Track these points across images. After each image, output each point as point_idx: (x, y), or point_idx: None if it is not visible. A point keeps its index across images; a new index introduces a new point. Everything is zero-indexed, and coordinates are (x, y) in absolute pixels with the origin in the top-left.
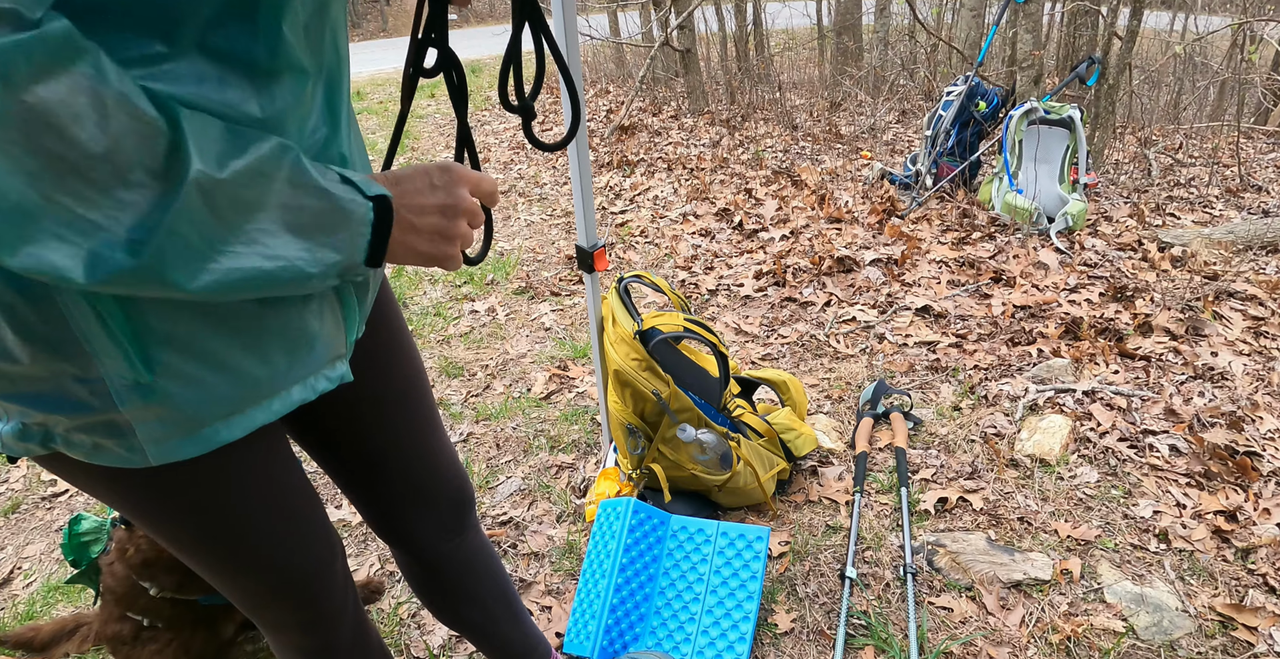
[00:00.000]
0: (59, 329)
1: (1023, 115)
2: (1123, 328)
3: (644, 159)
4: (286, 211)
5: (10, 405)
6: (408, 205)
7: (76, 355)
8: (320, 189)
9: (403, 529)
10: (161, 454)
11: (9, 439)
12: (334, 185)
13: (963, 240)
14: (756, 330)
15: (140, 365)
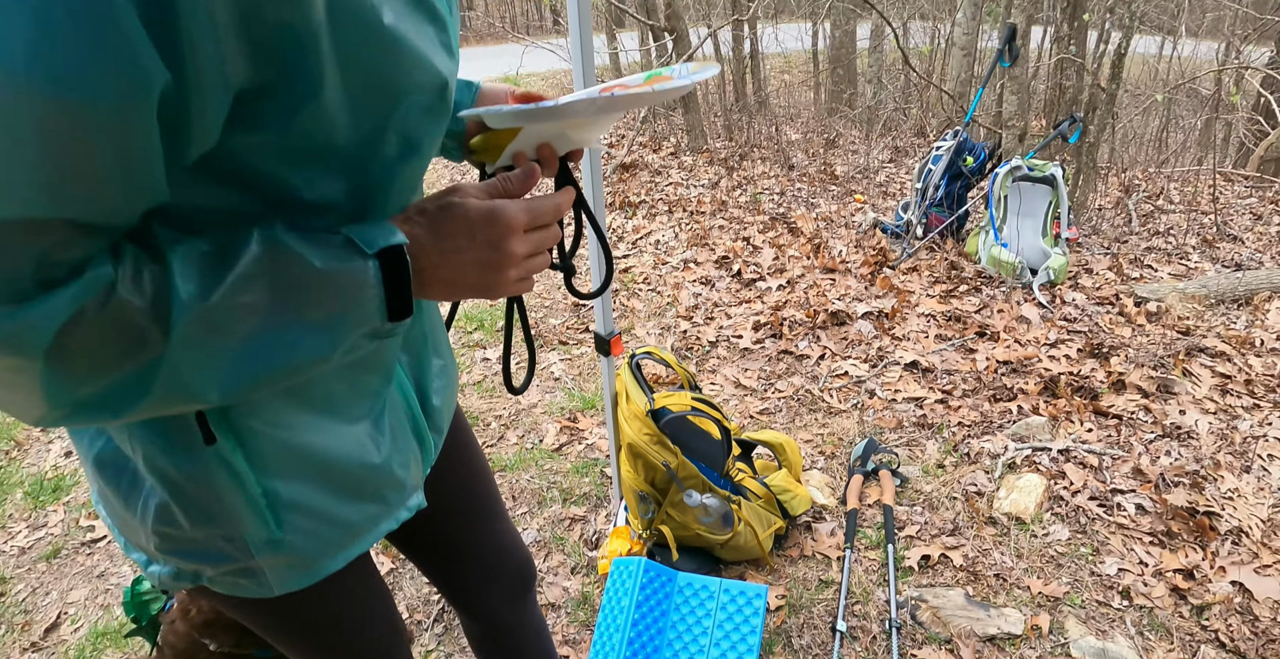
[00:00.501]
0: (214, 502)
1: (1008, 173)
2: (1098, 386)
3: (645, 200)
4: (284, 304)
5: (171, 558)
6: (444, 262)
7: (225, 522)
8: (312, 270)
9: (472, 602)
10: (284, 586)
11: (165, 579)
12: (329, 259)
13: (950, 293)
14: (755, 384)
15: (274, 526)
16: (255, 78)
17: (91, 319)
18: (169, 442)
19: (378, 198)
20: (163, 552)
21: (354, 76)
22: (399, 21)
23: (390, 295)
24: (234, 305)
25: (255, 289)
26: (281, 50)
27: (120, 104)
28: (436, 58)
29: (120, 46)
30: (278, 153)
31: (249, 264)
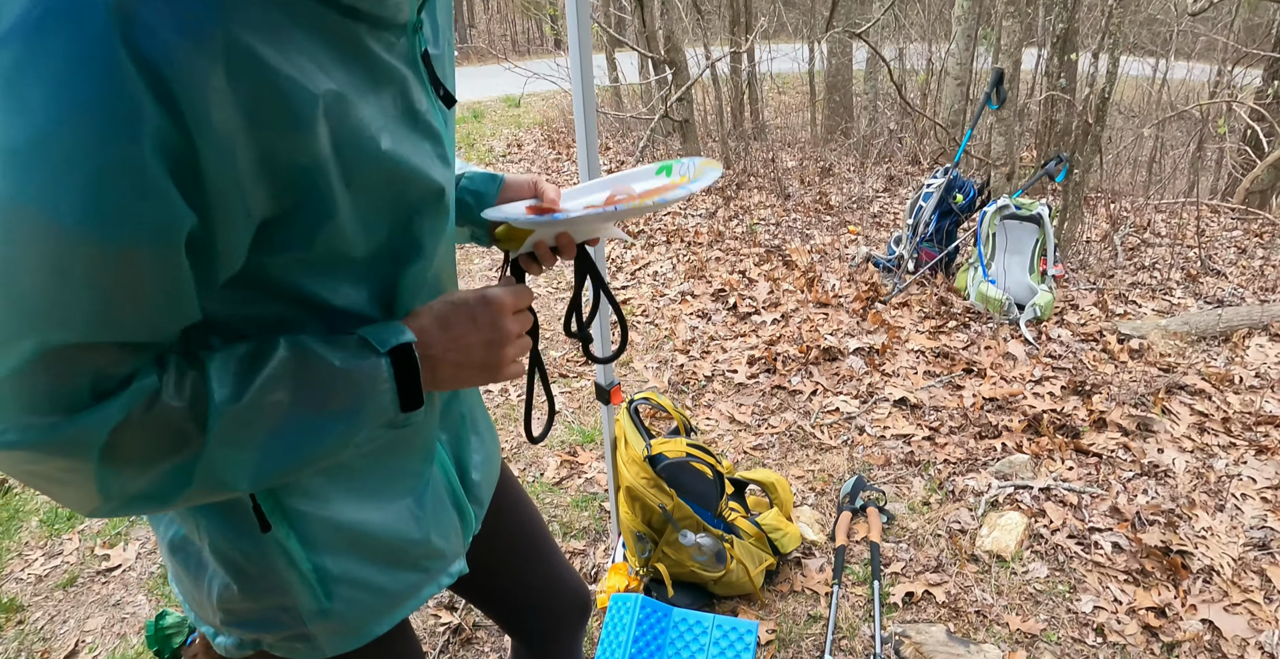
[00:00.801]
0: (271, 580)
1: (996, 211)
2: (1079, 424)
3: (644, 230)
4: (307, 399)
5: (235, 629)
6: (454, 346)
7: (281, 596)
8: (332, 369)
9: (532, 636)
10: (335, 649)
11: (231, 649)
12: (347, 358)
13: (939, 329)
14: (749, 419)
15: (324, 598)
16: (275, 209)
17: (138, 422)
18: (231, 528)
19: (398, 296)
20: (227, 624)
21: (362, 198)
22: (397, 145)
23: (401, 388)
24: (262, 404)
25: (281, 388)
26: (296, 185)
27: (155, 247)
28: (434, 170)
29: (153, 201)
30: (304, 268)
31: (276, 366)
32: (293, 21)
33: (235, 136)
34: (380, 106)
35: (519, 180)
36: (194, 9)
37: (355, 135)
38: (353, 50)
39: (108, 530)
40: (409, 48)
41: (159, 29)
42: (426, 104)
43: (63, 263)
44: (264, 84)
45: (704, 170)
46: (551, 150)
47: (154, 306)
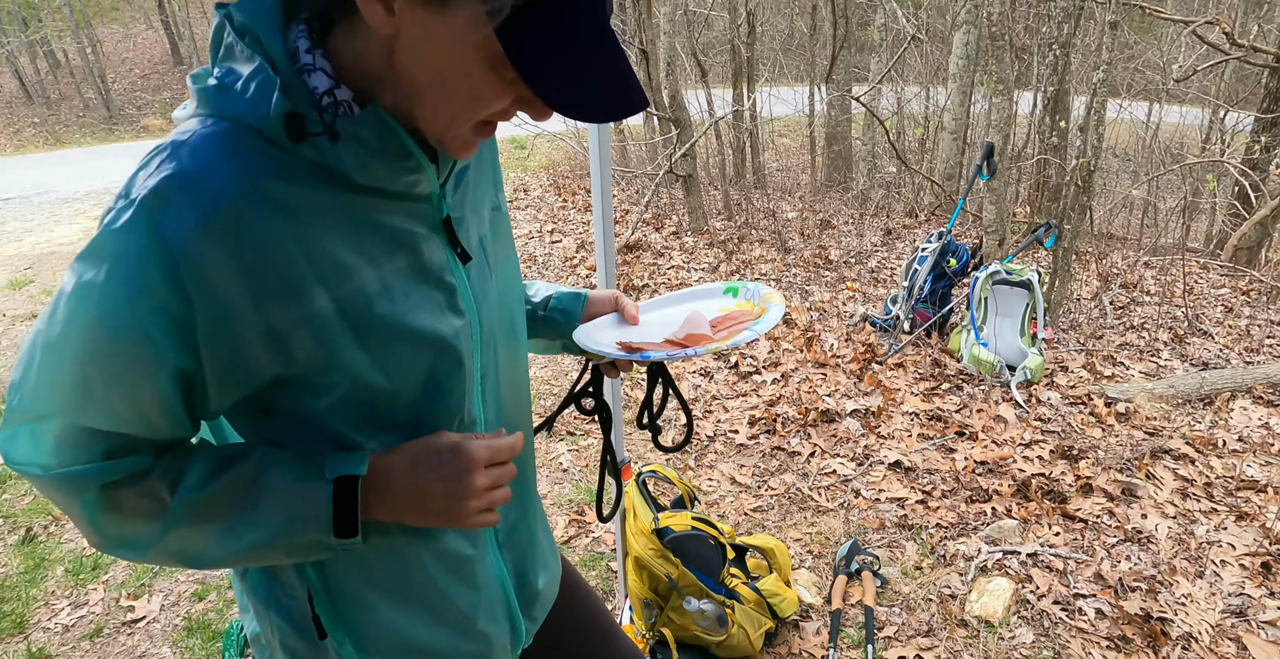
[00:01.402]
0: None
1: (988, 276)
2: (1066, 489)
3: (648, 284)
4: (254, 503)
5: None
6: (414, 489)
7: None
8: (285, 483)
9: None
10: None
11: None
12: (300, 477)
13: (933, 391)
14: (749, 481)
15: None
16: (289, 366)
17: (126, 486)
18: (295, 630)
19: (424, 432)
20: None
21: (379, 354)
22: (402, 304)
23: (338, 517)
24: (217, 497)
25: (237, 488)
26: (303, 346)
27: (148, 378)
28: (441, 323)
29: (146, 347)
30: (338, 414)
31: (241, 469)
32: (310, 201)
33: (236, 305)
34: (392, 268)
35: (601, 296)
36: (213, 201)
37: (358, 299)
38: (367, 221)
39: (131, 581)
40: (431, 214)
41: (180, 218)
42: (445, 261)
43: (87, 376)
44: (263, 260)
45: (769, 302)
46: (557, 197)
47: (151, 416)
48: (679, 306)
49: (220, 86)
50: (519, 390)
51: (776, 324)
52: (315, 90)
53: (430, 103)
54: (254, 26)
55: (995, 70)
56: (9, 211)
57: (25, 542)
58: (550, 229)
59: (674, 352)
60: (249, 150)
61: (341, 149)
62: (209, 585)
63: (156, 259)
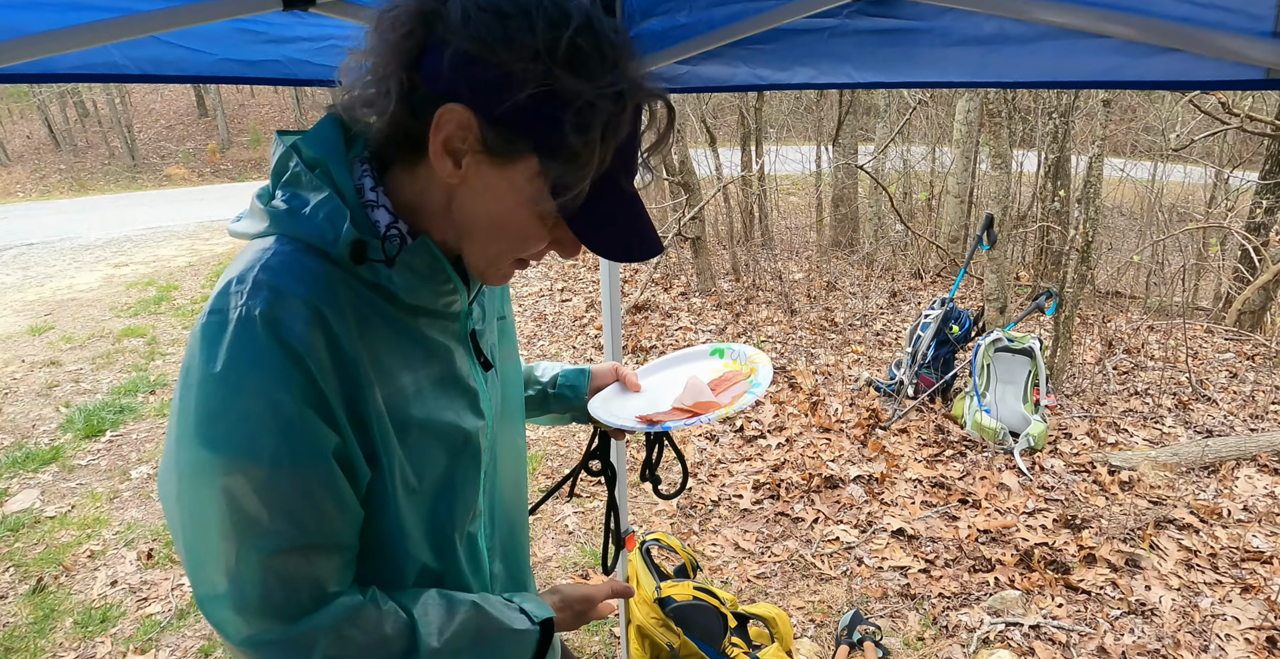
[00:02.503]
0: None
1: (990, 344)
2: (1069, 559)
3: (656, 345)
4: (481, 650)
5: None
6: (563, 626)
7: None
8: (505, 629)
9: None
10: None
11: None
12: (514, 620)
13: (936, 458)
14: (753, 547)
15: None
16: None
17: (346, 634)
18: None
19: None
20: None
21: (411, 450)
22: (431, 405)
23: (538, 653)
24: (452, 649)
25: (465, 639)
26: (370, 428)
27: (319, 463)
28: (464, 420)
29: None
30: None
31: (465, 619)
32: (369, 314)
33: (335, 388)
34: (426, 374)
35: (602, 370)
36: (312, 311)
37: (398, 400)
38: (410, 334)
39: (139, 635)
40: (460, 329)
41: (294, 325)
42: (469, 369)
43: (262, 490)
44: (347, 358)
45: (755, 362)
46: None
47: (330, 511)
48: (674, 370)
49: (290, 210)
50: (518, 479)
51: (770, 382)
52: (378, 224)
53: (480, 242)
54: (325, 161)
55: (993, 145)
56: (33, 256)
57: (35, 592)
58: (560, 288)
59: (689, 420)
60: (325, 269)
61: (395, 274)
62: (215, 641)
63: (291, 360)
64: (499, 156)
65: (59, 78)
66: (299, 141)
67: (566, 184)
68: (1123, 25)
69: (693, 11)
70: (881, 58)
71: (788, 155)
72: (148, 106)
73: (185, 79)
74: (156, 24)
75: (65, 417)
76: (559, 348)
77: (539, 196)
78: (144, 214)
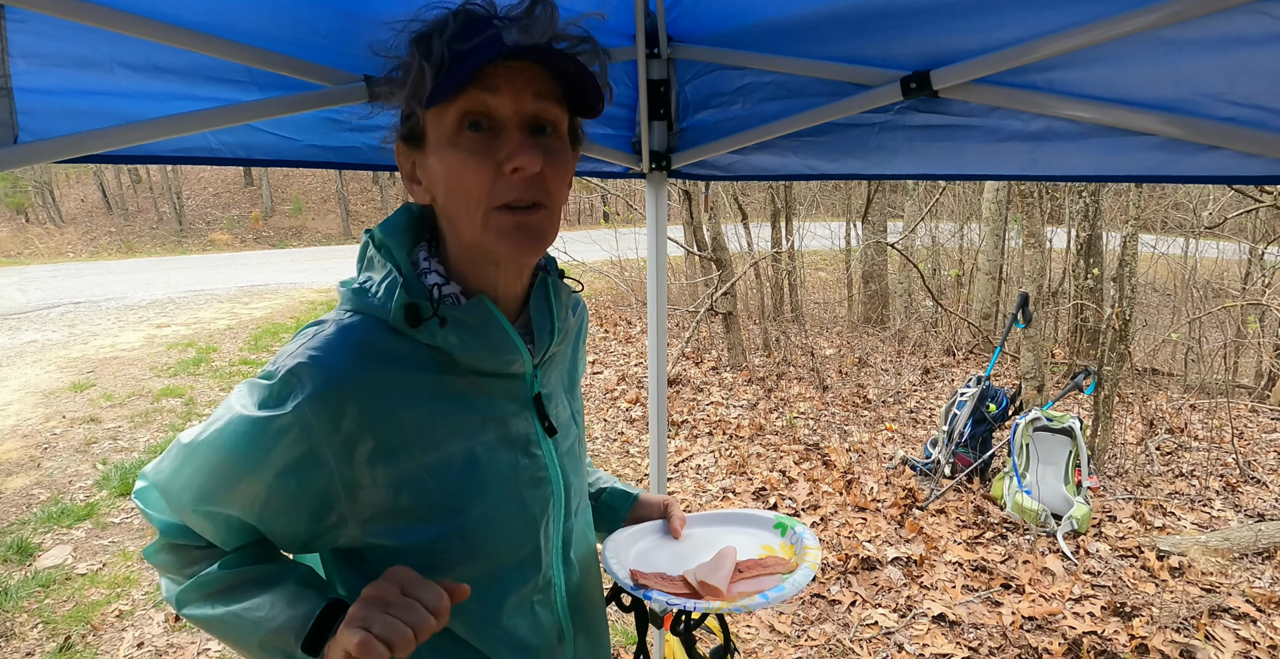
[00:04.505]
0: None
1: (1028, 423)
2: (1121, 649)
3: (687, 420)
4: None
5: None
6: None
7: None
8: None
9: None
10: None
11: None
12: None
13: (976, 540)
14: (788, 630)
15: None
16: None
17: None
18: None
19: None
20: None
21: (454, 511)
22: (479, 470)
23: (313, 630)
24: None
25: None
26: (377, 499)
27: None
28: (523, 489)
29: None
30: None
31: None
32: (420, 384)
33: (328, 460)
34: (481, 440)
35: (652, 501)
36: (327, 380)
37: (444, 466)
38: (467, 400)
39: None
40: (523, 391)
41: (303, 392)
42: (532, 433)
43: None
44: (361, 429)
45: (805, 557)
46: (599, 327)
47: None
48: (723, 531)
49: (359, 289)
50: (590, 555)
51: (797, 594)
52: (429, 286)
53: (455, 207)
54: (388, 242)
55: (1026, 225)
56: (79, 315)
57: (62, 650)
58: (591, 360)
59: (674, 600)
60: (372, 340)
61: (450, 332)
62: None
63: (283, 421)
64: (413, 142)
65: (159, 160)
66: (374, 230)
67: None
68: (1169, 125)
69: (746, 105)
70: (931, 153)
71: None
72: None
73: (273, 163)
74: (252, 114)
75: (102, 474)
76: (589, 420)
77: (442, 129)
78: (188, 277)
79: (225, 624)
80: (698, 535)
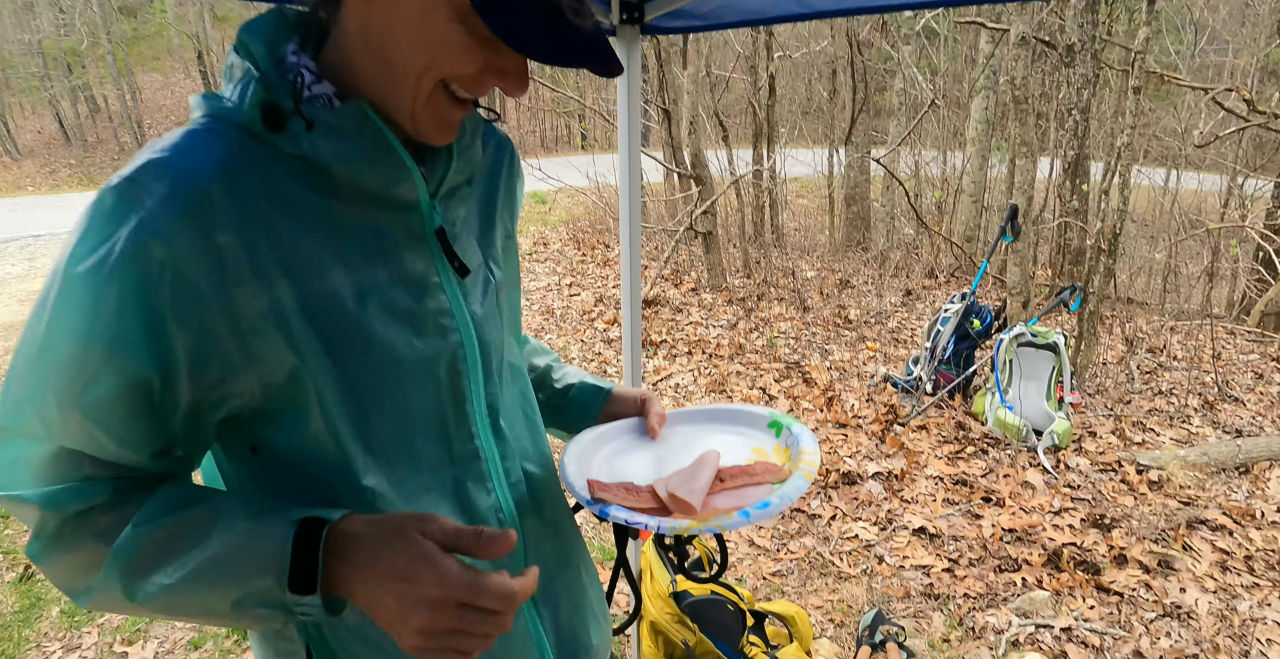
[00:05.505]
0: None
1: (1012, 339)
2: (1100, 560)
3: (666, 339)
4: (204, 543)
5: None
6: (367, 582)
7: None
8: (243, 526)
9: None
10: None
11: None
12: (253, 515)
13: (957, 455)
14: (768, 544)
15: None
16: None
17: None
18: None
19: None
20: None
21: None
22: (368, 313)
23: (295, 565)
24: (168, 535)
25: (188, 527)
26: (268, 344)
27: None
28: (424, 341)
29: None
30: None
31: (201, 508)
32: (288, 198)
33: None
34: (369, 275)
35: (627, 395)
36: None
37: (326, 300)
38: (348, 226)
39: (127, 626)
40: (419, 224)
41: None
42: (433, 275)
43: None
44: (230, 244)
45: (800, 462)
46: (577, 251)
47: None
48: (709, 430)
49: (211, 94)
50: (533, 430)
51: (786, 507)
52: (292, 80)
53: (399, 66)
54: (248, 40)
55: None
56: (39, 248)
57: (23, 580)
58: (569, 283)
59: (635, 518)
60: (226, 140)
61: (318, 138)
62: (206, 634)
63: (127, 239)
64: None
65: None
66: (239, 31)
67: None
68: None
69: None
70: None
71: (799, 157)
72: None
73: None
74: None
75: None
76: (566, 342)
77: None
78: None
79: (179, 595)
80: (679, 436)
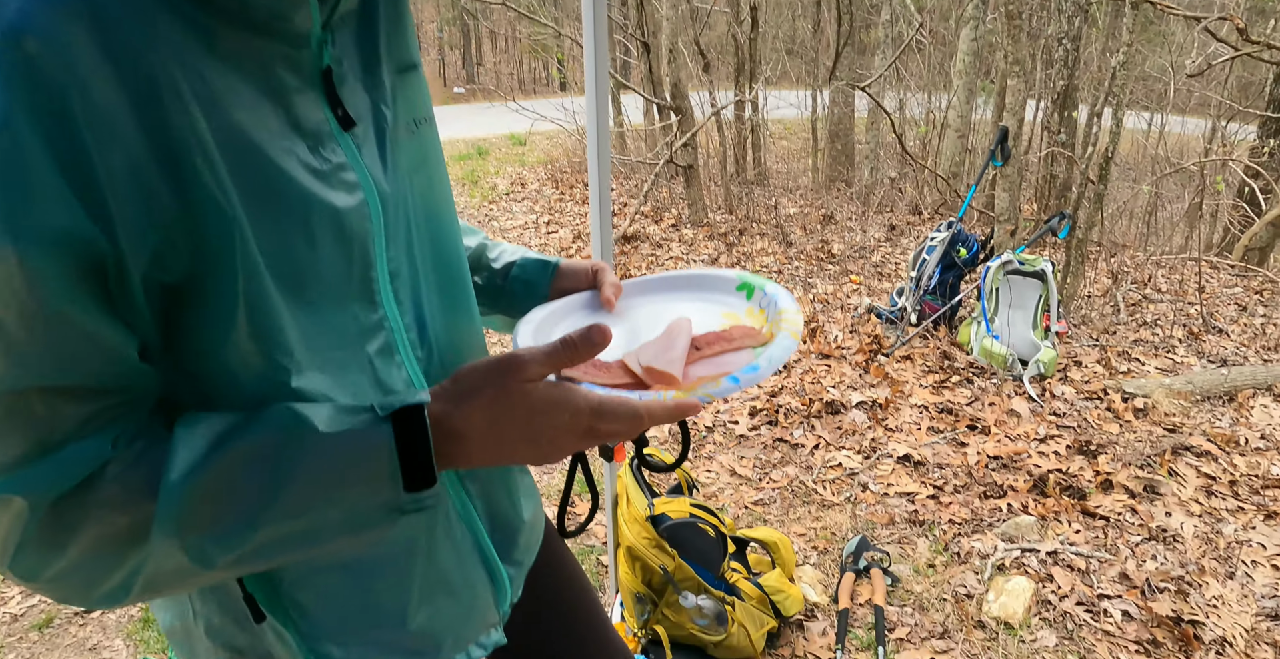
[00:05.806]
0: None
1: (999, 266)
2: (1085, 485)
3: (646, 274)
4: (285, 476)
5: None
6: (494, 437)
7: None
8: (314, 433)
9: None
10: None
11: None
12: (333, 421)
13: (942, 384)
14: (750, 473)
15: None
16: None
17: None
18: (225, 613)
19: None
20: None
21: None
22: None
23: (406, 459)
24: (227, 480)
25: (252, 462)
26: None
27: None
28: (326, 193)
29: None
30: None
31: (251, 438)
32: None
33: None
34: (257, 115)
35: (576, 268)
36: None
37: (238, 136)
38: (232, 58)
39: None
40: (309, 62)
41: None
42: (324, 124)
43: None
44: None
45: (782, 323)
46: (555, 190)
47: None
48: (671, 299)
49: None
50: (454, 304)
51: (776, 370)
52: None
53: None
54: None
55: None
56: None
57: None
58: (546, 220)
59: (615, 393)
60: None
61: None
62: None
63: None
64: None
65: None
66: None
67: None
68: None
69: None
70: None
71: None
72: None
73: None
74: None
75: None
76: None
77: None
78: None
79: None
80: (641, 308)
